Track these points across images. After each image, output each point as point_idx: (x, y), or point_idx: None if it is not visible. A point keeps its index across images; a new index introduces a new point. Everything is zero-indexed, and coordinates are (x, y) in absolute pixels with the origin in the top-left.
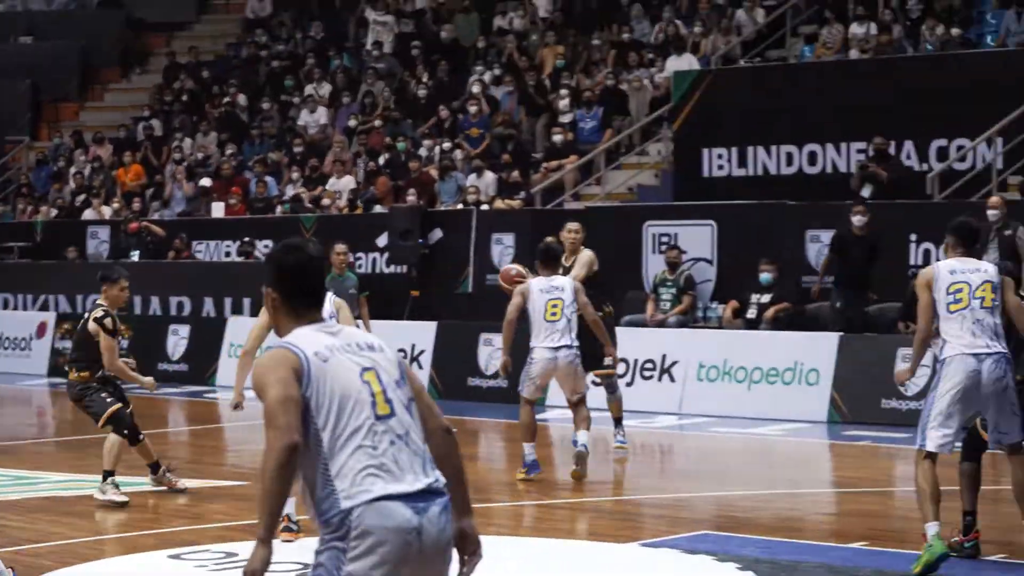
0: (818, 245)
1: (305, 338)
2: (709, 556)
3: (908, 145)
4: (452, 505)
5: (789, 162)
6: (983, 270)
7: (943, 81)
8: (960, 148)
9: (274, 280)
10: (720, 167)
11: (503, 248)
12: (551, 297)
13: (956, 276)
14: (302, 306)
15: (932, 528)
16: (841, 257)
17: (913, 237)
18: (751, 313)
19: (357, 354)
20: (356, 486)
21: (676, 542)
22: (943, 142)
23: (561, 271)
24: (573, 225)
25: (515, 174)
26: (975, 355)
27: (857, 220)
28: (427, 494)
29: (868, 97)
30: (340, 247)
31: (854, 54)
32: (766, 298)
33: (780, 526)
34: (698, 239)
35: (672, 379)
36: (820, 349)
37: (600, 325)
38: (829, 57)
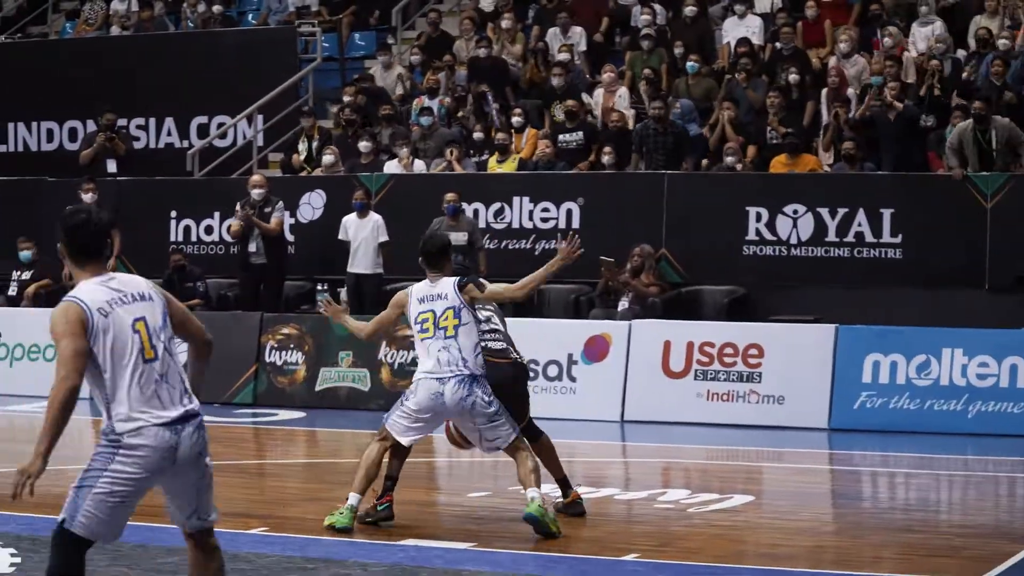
0: None
1: (90, 293)
2: None
3: (169, 122)
4: (191, 375)
5: (50, 138)
6: (444, 295)
7: (204, 58)
8: (221, 125)
9: (62, 236)
10: None
11: None
12: None
13: (424, 305)
14: (82, 259)
15: (353, 498)
16: None
17: (173, 213)
18: (12, 290)
19: (130, 305)
20: (129, 414)
21: None
22: (204, 119)
23: None
24: None
25: None
26: (438, 379)
27: (88, 197)
28: (183, 419)
29: (129, 73)
30: None
31: (115, 30)
32: (27, 275)
33: (43, 503)
34: None
35: None
36: None
37: None
38: (91, 33)
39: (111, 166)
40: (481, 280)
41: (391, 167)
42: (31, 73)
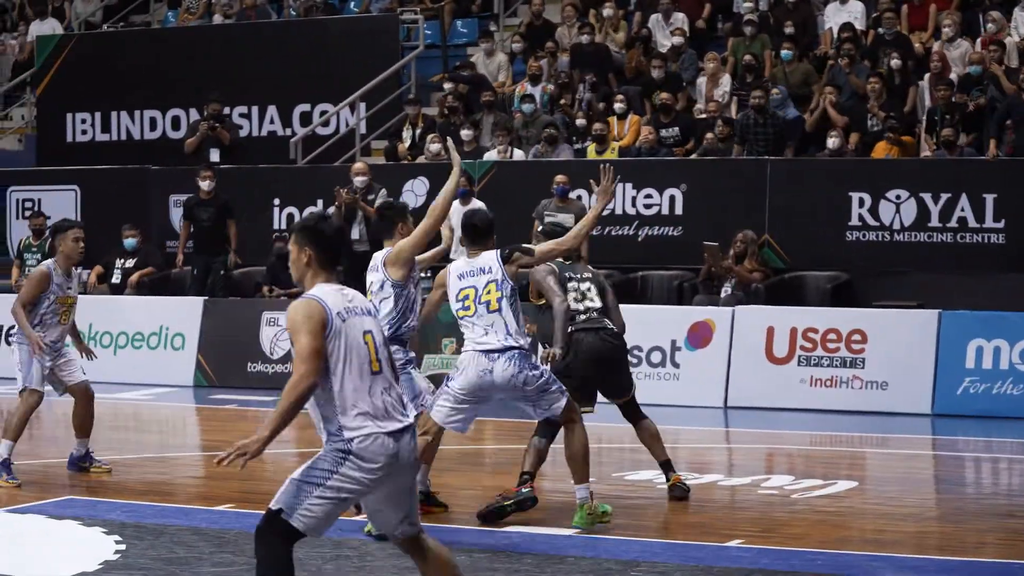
0: (181, 210)
1: (330, 297)
2: (75, 521)
3: (272, 110)
4: None
5: (153, 127)
6: (487, 269)
7: (306, 46)
8: (323, 113)
9: (312, 243)
10: (84, 132)
11: None
12: None
13: (464, 281)
14: (328, 266)
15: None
16: (193, 222)
17: (277, 201)
18: (116, 278)
19: (361, 318)
20: (357, 422)
21: (42, 507)
22: (306, 107)
23: None
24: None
25: None
26: (487, 354)
27: (205, 185)
28: (403, 430)
29: (231, 62)
30: None
31: (218, 19)
32: (131, 263)
33: (148, 490)
34: (62, 204)
35: None
36: (185, 313)
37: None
38: (193, 22)
39: (214, 155)
40: (526, 246)
41: (493, 156)
42: (134, 62)
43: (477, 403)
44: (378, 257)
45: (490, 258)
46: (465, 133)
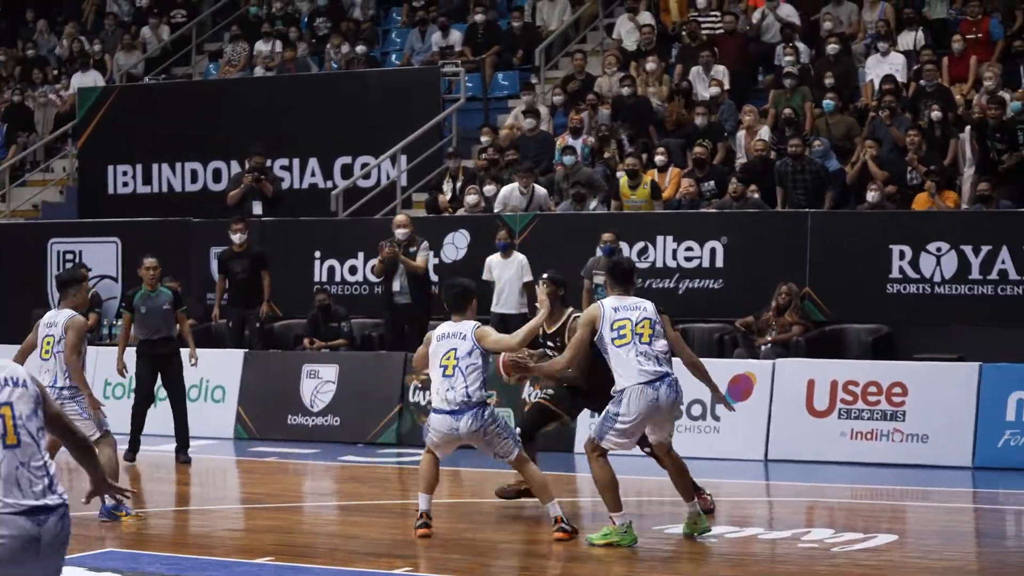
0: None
1: None
2: (116, 574)
3: (313, 162)
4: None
5: (194, 179)
6: (642, 308)
7: (348, 99)
8: (364, 165)
9: None
10: (125, 184)
11: None
12: None
13: (619, 313)
14: None
15: (620, 518)
16: (227, 274)
17: (318, 254)
18: None
19: (2, 389)
20: None
21: (82, 560)
22: (347, 159)
23: None
24: (150, 261)
25: None
26: (649, 383)
27: (237, 237)
28: (46, 510)
29: (273, 114)
30: (149, 261)
31: (259, 71)
32: None
33: (189, 543)
34: (103, 256)
35: None
36: (226, 366)
37: None
38: (234, 75)
39: (257, 207)
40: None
41: (513, 190)
42: (175, 114)
43: (641, 428)
44: (465, 328)
45: (644, 302)
46: (488, 189)
